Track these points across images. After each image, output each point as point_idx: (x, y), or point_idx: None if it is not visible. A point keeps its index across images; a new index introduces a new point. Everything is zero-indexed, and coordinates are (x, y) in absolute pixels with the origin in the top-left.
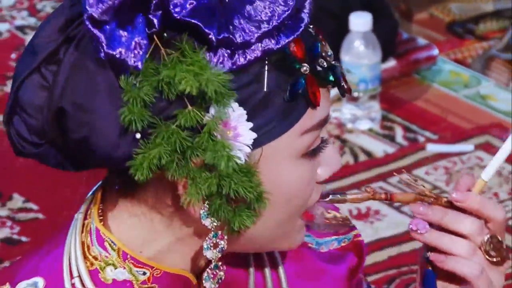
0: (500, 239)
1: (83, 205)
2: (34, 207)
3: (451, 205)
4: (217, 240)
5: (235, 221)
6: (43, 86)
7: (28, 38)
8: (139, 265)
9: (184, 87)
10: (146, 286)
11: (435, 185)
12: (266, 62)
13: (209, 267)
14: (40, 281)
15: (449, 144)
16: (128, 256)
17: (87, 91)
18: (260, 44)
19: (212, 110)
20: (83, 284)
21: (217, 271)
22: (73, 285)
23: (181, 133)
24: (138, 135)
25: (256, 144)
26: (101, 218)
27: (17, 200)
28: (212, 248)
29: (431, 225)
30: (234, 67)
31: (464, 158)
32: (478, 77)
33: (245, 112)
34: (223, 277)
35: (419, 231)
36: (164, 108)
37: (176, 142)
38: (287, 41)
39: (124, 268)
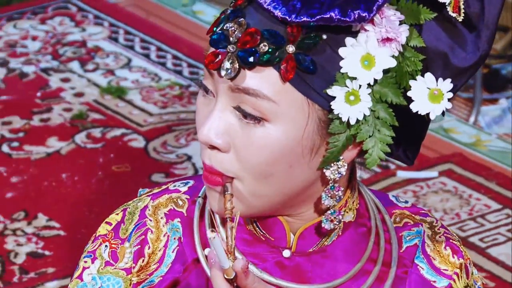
0: None
1: None
2: (56, 225)
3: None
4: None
5: None
6: None
7: (51, 79)
8: None
9: None
10: None
11: None
12: None
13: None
14: (191, 181)
15: (416, 171)
16: None
17: None
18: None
19: None
20: None
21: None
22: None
23: None
24: None
25: None
26: None
27: (41, 219)
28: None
29: None
30: None
31: (429, 183)
32: None
33: None
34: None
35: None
36: None
37: None
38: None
39: None
